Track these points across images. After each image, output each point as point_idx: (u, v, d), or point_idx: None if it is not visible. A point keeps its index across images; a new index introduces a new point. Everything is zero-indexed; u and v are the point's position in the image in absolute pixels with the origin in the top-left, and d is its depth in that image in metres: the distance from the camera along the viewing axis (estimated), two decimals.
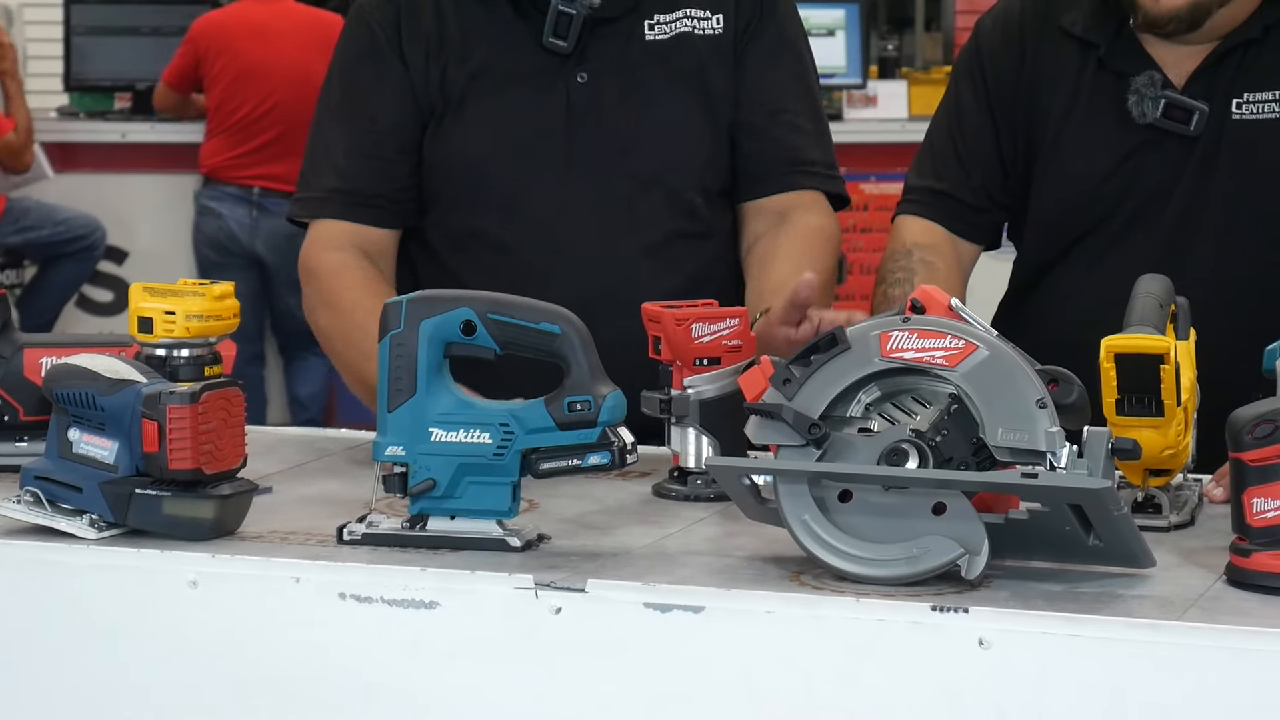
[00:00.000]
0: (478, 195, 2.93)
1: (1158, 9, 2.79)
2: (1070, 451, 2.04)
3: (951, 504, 2.06)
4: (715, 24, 2.91)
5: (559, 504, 2.43)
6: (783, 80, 2.97)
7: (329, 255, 2.91)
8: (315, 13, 7.65)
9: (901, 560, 2.06)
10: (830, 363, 2.13)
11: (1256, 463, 2.04)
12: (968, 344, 2.09)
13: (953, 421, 2.10)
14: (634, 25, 2.91)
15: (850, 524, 2.09)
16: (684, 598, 2.04)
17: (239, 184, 7.45)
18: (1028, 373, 2.08)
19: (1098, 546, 2.07)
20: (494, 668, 2.10)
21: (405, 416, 2.22)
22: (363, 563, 2.16)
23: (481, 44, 2.92)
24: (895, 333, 2.12)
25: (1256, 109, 2.84)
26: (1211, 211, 2.85)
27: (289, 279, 7.52)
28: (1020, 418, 2.06)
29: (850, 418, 2.14)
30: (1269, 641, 1.89)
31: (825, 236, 2.93)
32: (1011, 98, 2.95)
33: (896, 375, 2.14)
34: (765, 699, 2.02)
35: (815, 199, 2.97)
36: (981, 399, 2.08)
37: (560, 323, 2.21)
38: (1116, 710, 1.92)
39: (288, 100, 7.37)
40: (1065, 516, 2.04)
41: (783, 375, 2.14)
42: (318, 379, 7.71)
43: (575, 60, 2.90)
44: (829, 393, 2.13)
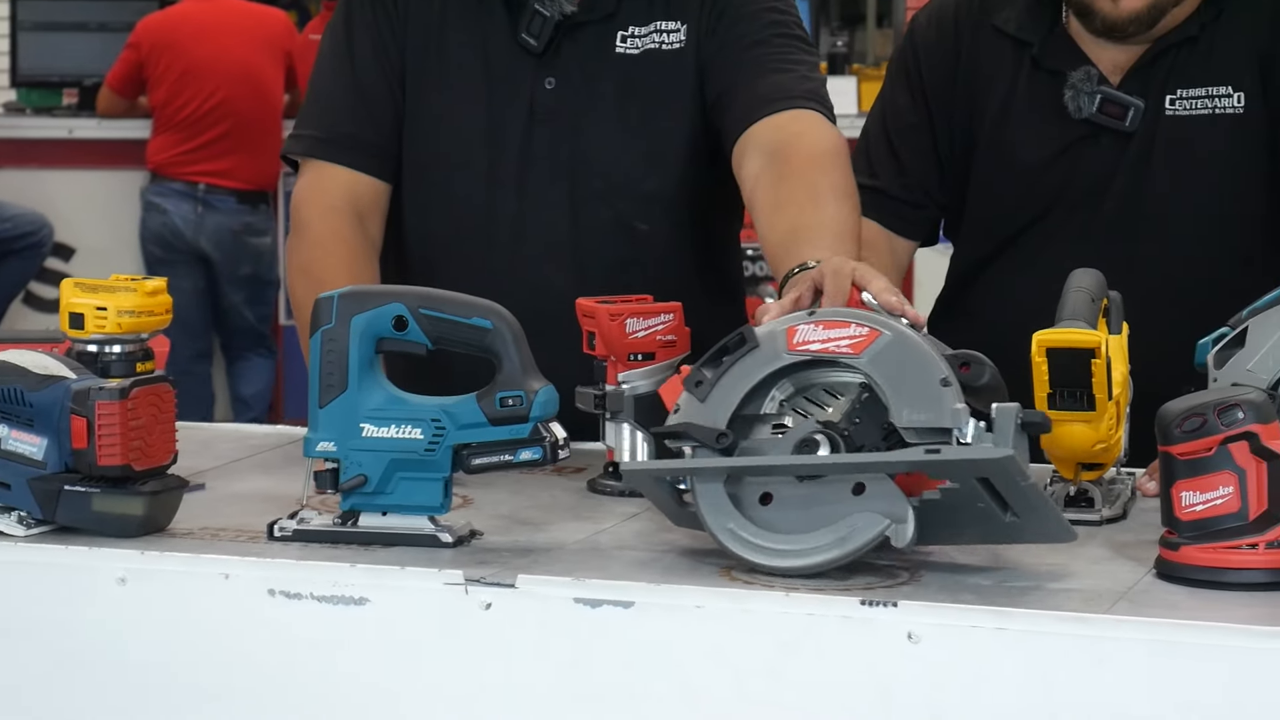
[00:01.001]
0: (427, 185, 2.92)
1: (1117, 13, 2.81)
2: (978, 428, 2.04)
3: (870, 483, 2.07)
4: (680, 36, 2.88)
5: (493, 500, 2.42)
6: (749, 38, 2.86)
7: (325, 217, 2.87)
8: (260, 9, 7.63)
9: (831, 544, 2.06)
10: (740, 362, 2.14)
11: (1185, 456, 2.04)
12: (872, 330, 2.11)
13: (864, 410, 2.11)
14: (607, 34, 2.88)
15: (773, 522, 2.09)
16: (614, 593, 2.04)
17: (185, 180, 7.43)
18: (931, 354, 2.09)
19: (1016, 522, 2.07)
20: (424, 663, 2.09)
21: (336, 412, 2.21)
22: (292, 559, 2.16)
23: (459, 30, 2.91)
24: (801, 326, 2.13)
25: (1190, 105, 2.86)
26: (1146, 206, 2.87)
27: (234, 276, 7.51)
28: (925, 398, 2.07)
29: (765, 415, 2.15)
30: (1195, 634, 1.89)
31: (831, 160, 2.72)
32: (947, 95, 2.96)
33: (807, 369, 2.15)
34: (695, 694, 2.02)
35: (809, 116, 2.79)
36: (887, 382, 2.09)
37: (492, 318, 2.20)
38: (1045, 702, 1.92)
39: (233, 97, 7.36)
40: (976, 493, 2.04)
41: (695, 378, 2.15)
42: (262, 378, 7.69)
43: (547, 62, 2.88)
44: (739, 391, 2.14)
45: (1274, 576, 2.02)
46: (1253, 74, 2.84)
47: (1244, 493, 2.02)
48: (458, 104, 2.89)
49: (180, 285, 7.35)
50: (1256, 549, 2.02)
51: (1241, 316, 2.32)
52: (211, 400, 7.68)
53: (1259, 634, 1.88)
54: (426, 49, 2.91)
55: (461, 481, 2.35)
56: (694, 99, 2.86)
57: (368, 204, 2.90)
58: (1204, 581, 2.03)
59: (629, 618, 2.03)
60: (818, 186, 2.66)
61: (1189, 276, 2.86)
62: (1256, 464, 2.02)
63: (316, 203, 2.89)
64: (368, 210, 2.89)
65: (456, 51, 2.90)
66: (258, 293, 7.59)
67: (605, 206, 2.88)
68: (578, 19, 2.86)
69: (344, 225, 2.86)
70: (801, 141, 2.72)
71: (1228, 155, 2.85)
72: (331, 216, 2.87)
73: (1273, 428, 2.03)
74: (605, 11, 2.87)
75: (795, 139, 2.73)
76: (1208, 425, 2.03)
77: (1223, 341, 2.31)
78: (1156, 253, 2.86)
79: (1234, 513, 2.03)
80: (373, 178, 2.91)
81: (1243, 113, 2.84)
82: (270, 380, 7.69)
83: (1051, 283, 2.35)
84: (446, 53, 2.90)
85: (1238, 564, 2.02)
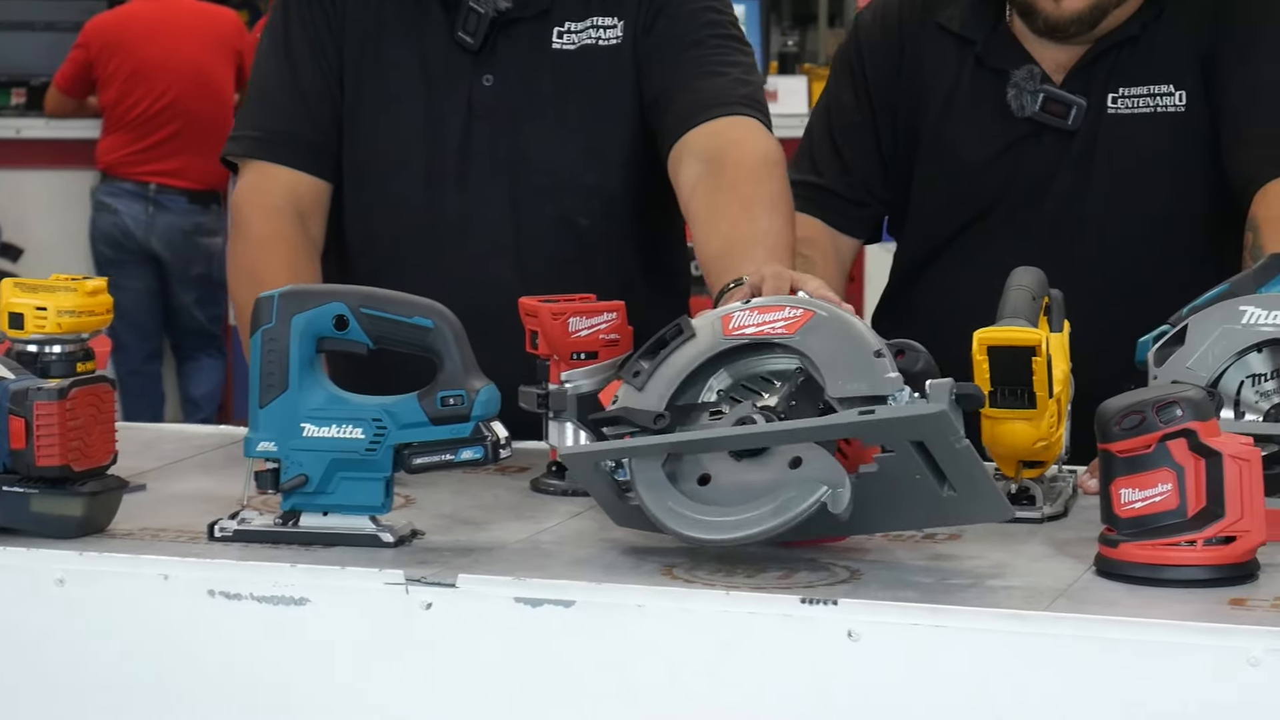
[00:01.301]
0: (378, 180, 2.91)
1: (1060, 13, 2.82)
2: (911, 395, 2.05)
3: (806, 454, 2.07)
4: (617, 33, 2.88)
5: (435, 499, 2.42)
6: (687, 38, 2.87)
7: (266, 217, 2.87)
8: (210, 8, 7.61)
9: (769, 513, 2.05)
10: (677, 351, 2.15)
11: (1124, 453, 2.05)
12: (805, 312, 2.13)
13: (801, 394, 2.12)
14: (543, 30, 2.88)
15: (712, 500, 2.09)
16: (555, 592, 2.04)
17: (136, 180, 7.40)
18: (864, 329, 2.11)
19: (953, 497, 2.07)
20: (365, 663, 2.08)
21: (277, 412, 2.21)
22: (232, 559, 2.15)
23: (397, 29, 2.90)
24: (737, 313, 2.15)
25: (1131, 103, 2.87)
26: (1088, 204, 2.88)
27: (185, 276, 7.48)
28: (858, 369, 2.08)
29: (703, 404, 2.15)
30: (1133, 631, 1.90)
31: (767, 170, 2.72)
32: (891, 92, 2.97)
33: (744, 357, 2.15)
34: (636, 692, 2.02)
35: (745, 123, 2.79)
36: (821, 359, 2.10)
37: (434, 317, 2.20)
38: (984, 700, 1.93)
39: (184, 97, 7.33)
40: (913, 462, 2.05)
41: (632, 368, 2.16)
42: (212, 378, 7.67)
43: (484, 60, 2.87)
44: (677, 380, 2.15)
45: (1212, 573, 2.02)
46: (1194, 73, 2.85)
47: (1182, 490, 2.03)
48: (396, 103, 2.89)
49: (131, 285, 7.37)
50: (1195, 546, 2.03)
51: (1181, 314, 2.32)
52: (162, 401, 7.65)
53: (1196, 630, 1.88)
54: (364, 48, 2.90)
55: (404, 481, 2.35)
56: (632, 95, 2.86)
57: (309, 203, 2.89)
58: (1143, 578, 2.03)
59: (570, 617, 2.03)
60: (753, 198, 2.67)
61: (1130, 275, 2.87)
62: (1195, 461, 2.03)
63: (257, 203, 2.88)
64: (309, 210, 2.89)
65: (394, 50, 2.89)
66: (209, 293, 7.56)
67: (546, 203, 2.88)
68: (513, 15, 2.86)
69: (285, 225, 2.85)
70: (738, 150, 2.73)
71: (1169, 154, 2.86)
72: (273, 216, 2.86)
73: (1211, 425, 2.04)
74: (540, 8, 2.87)
75: (731, 147, 2.74)
76: (1146, 423, 2.04)
77: (1163, 339, 2.31)
78: (1098, 251, 2.87)
79: (1173, 510, 2.03)
80: (313, 177, 2.90)
81: (1184, 111, 2.85)
82: (221, 381, 7.67)
83: (993, 280, 2.35)
84: (384, 52, 2.90)
85: (1176, 561, 2.03)
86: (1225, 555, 2.03)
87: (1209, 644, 1.87)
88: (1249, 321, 2.28)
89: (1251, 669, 1.84)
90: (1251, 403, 2.30)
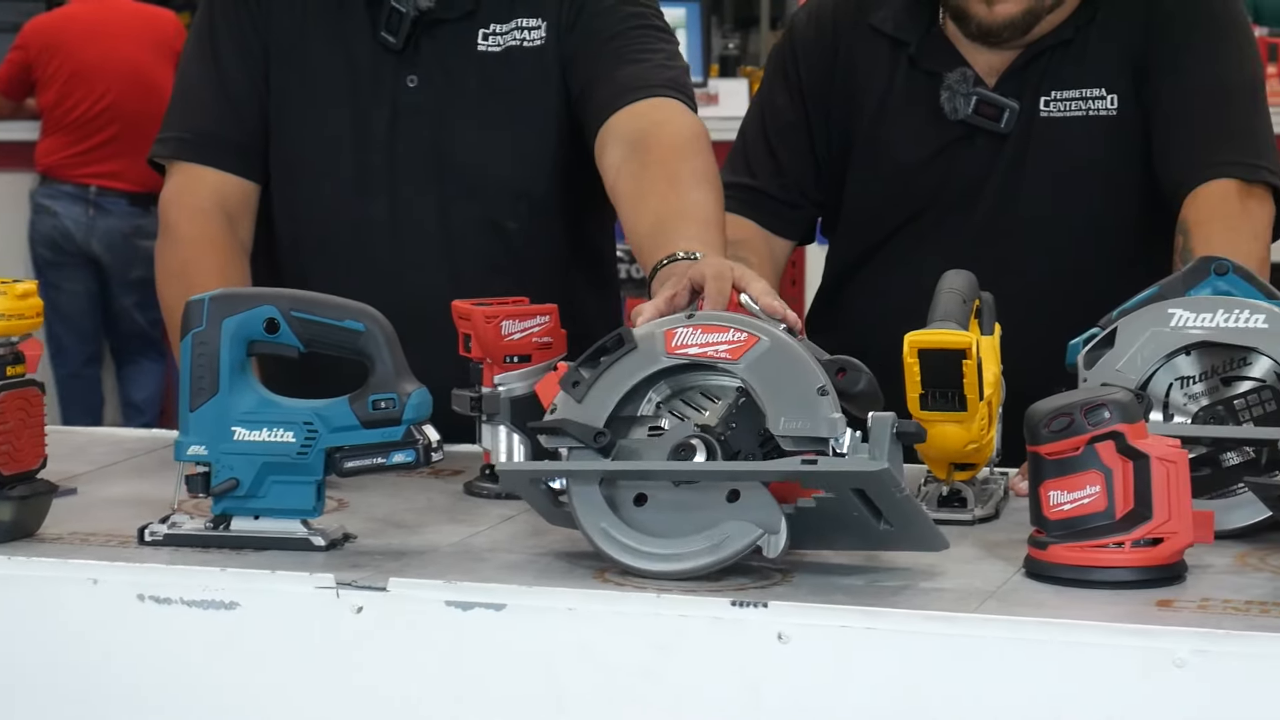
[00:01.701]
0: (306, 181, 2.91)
1: (993, 18, 2.83)
2: (854, 437, 2.05)
3: (745, 491, 2.07)
4: (541, 33, 2.88)
5: (369, 502, 2.41)
6: (608, 32, 2.87)
7: (194, 219, 2.86)
8: (149, 10, 7.58)
9: (704, 550, 2.07)
10: (618, 363, 2.14)
11: (1053, 455, 2.06)
12: (750, 336, 2.11)
13: (740, 415, 2.12)
14: (468, 32, 2.87)
15: (647, 524, 2.09)
16: (486, 595, 2.04)
17: (75, 182, 7.37)
18: (809, 362, 2.09)
19: (889, 530, 2.08)
20: (296, 668, 2.08)
21: (208, 415, 2.20)
22: (162, 564, 2.14)
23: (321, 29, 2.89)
24: (680, 329, 2.13)
25: (1064, 107, 2.88)
26: (1020, 207, 2.89)
27: (125, 279, 7.44)
28: (802, 406, 2.07)
29: (641, 417, 2.15)
30: (1061, 633, 1.90)
31: (692, 147, 2.72)
32: (825, 94, 2.97)
33: (684, 372, 2.14)
34: (568, 695, 2.02)
35: (668, 104, 2.79)
36: (764, 390, 2.09)
37: (364, 320, 2.20)
38: (914, 701, 1.93)
39: (123, 99, 7.30)
40: (852, 502, 2.05)
41: (572, 378, 2.14)
42: (152, 382, 7.63)
43: (408, 60, 2.87)
44: (617, 393, 2.14)
45: (1140, 574, 2.03)
46: (1126, 77, 2.87)
47: (1111, 492, 2.04)
48: (323, 104, 2.88)
49: (71, 288, 7.33)
50: (1123, 547, 2.04)
51: (1111, 317, 2.34)
52: (101, 404, 7.61)
53: (1123, 632, 1.89)
54: (290, 49, 2.90)
55: (337, 485, 2.34)
56: (558, 95, 2.87)
57: (237, 205, 2.88)
58: (1071, 580, 2.04)
59: (501, 620, 2.03)
60: (679, 174, 2.67)
61: (1062, 277, 2.88)
62: (1123, 463, 2.04)
63: (185, 205, 2.87)
64: (237, 211, 2.88)
65: (320, 51, 2.89)
66: (149, 296, 7.46)
67: (474, 205, 2.87)
68: (436, 16, 2.85)
69: (214, 227, 2.85)
70: (662, 130, 2.73)
71: (1101, 157, 2.88)
72: (200, 218, 2.85)
73: (1139, 427, 2.05)
74: (464, 10, 2.86)
75: (656, 127, 2.74)
76: (1075, 425, 2.05)
77: (1092, 342, 2.32)
78: (1029, 254, 2.88)
79: (1101, 511, 2.04)
80: (241, 178, 2.89)
81: (1116, 115, 2.87)
82: (161, 385, 7.63)
83: (925, 282, 2.36)
84: (310, 52, 2.89)
85: (1104, 562, 2.04)
86: (1153, 557, 2.04)
87: (1136, 645, 1.88)
88: (1178, 324, 2.29)
89: (1177, 670, 1.85)
90: (1180, 405, 2.31)
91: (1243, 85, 2.87)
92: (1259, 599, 1.99)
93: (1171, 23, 2.87)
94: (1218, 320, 2.28)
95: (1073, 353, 2.34)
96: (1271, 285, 2.35)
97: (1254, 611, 1.95)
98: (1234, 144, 2.79)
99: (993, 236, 2.88)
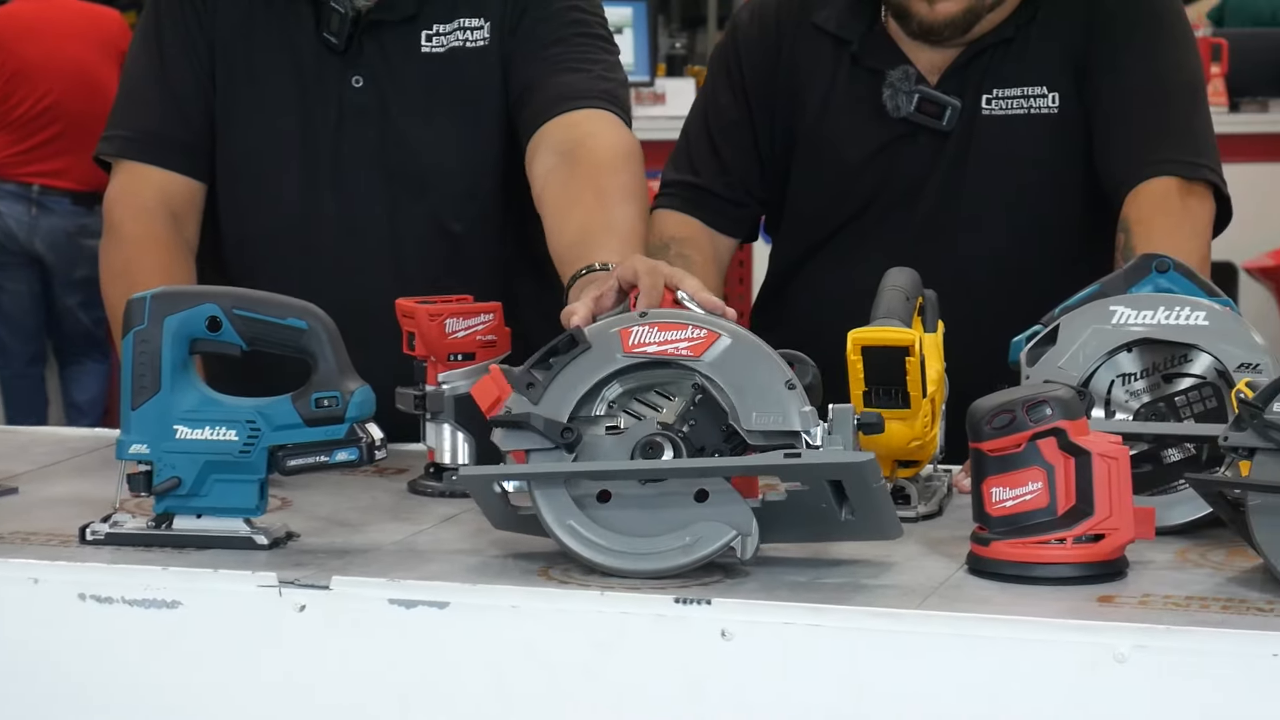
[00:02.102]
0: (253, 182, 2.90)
1: (934, 16, 2.84)
2: (822, 429, 2.05)
3: (713, 490, 2.07)
4: (484, 34, 2.88)
5: (312, 501, 2.41)
6: (550, 36, 2.88)
7: (138, 218, 2.84)
8: (93, 8, 7.53)
9: (676, 550, 2.06)
10: (573, 364, 2.13)
11: (995, 452, 2.07)
12: (710, 333, 2.10)
13: (700, 411, 2.11)
14: (411, 34, 2.87)
15: (613, 522, 2.09)
16: (429, 593, 2.03)
17: (18, 181, 7.32)
18: (772, 357, 2.09)
19: (850, 520, 2.08)
20: (239, 666, 2.07)
21: (150, 414, 2.19)
22: (104, 563, 2.13)
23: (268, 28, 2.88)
24: (635, 328, 2.12)
25: (1006, 105, 2.89)
26: (963, 205, 2.90)
27: (69, 279, 7.40)
28: (771, 401, 2.07)
29: (596, 417, 2.14)
30: (1003, 629, 1.91)
31: (621, 161, 2.74)
32: (768, 92, 2.98)
33: (639, 370, 2.14)
34: (511, 693, 2.02)
35: (601, 116, 2.81)
36: (730, 386, 2.09)
37: (307, 318, 2.19)
38: (857, 697, 1.94)
39: (66, 97, 7.26)
40: (823, 493, 2.06)
41: (525, 380, 2.12)
42: (96, 383, 7.59)
43: (352, 61, 2.86)
44: (575, 393, 2.12)
45: (1081, 570, 2.04)
46: (1067, 75, 2.88)
47: (1052, 488, 2.05)
48: (269, 103, 2.88)
49: (14, 288, 7.28)
50: (1065, 544, 2.04)
51: (1053, 315, 2.35)
52: (45, 405, 7.56)
53: (1065, 628, 1.90)
54: (235, 48, 2.89)
55: (281, 483, 2.34)
56: (501, 96, 2.87)
57: (182, 204, 2.87)
58: (1014, 576, 2.05)
59: (444, 618, 2.03)
60: (607, 188, 2.68)
61: (1004, 275, 2.89)
62: (1065, 460, 2.05)
63: (130, 203, 2.86)
64: (183, 211, 2.87)
65: (266, 50, 2.88)
66: (93, 296, 7.47)
67: (420, 205, 2.87)
68: (377, 17, 2.85)
69: (159, 226, 2.84)
70: (593, 142, 2.74)
71: (1043, 155, 2.89)
72: (145, 217, 2.84)
73: (1080, 424, 2.06)
74: (407, 12, 2.86)
75: (587, 138, 2.75)
76: (1016, 422, 2.06)
77: (1035, 339, 2.33)
78: (972, 251, 2.89)
79: (1043, 508, 2.05)
80: (187, 177, 2.88)
81: (1057, 113, 2.88)
82: (105, 385, 7.59)
83: (868, 280, 2.36)
84: (256, 51, 2.89)
85: (1046, 559, 2.05)
86: (1094, 553, 2.05)
87: (1077, 641, 1.89)
88: (1119, 321, 2.30)
89: (1118, 665, 1.86)
90: (1122, 402, 2.32)
91: (1183, 84, 2.88)
92: (1199, 594, 2.00)
93: (1112, 22, 2.88)
94: (1159, 317, 2.29)
95: (1015, 350, 2.35)
96: (1212, 283, 2.36)
97: (1194, 607, 1.96)
98: (1174, 142, 2.81)
99: (935, 234, 2.89)
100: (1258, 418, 2.00)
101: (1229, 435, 2.02)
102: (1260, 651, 1.85)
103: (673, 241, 2.92)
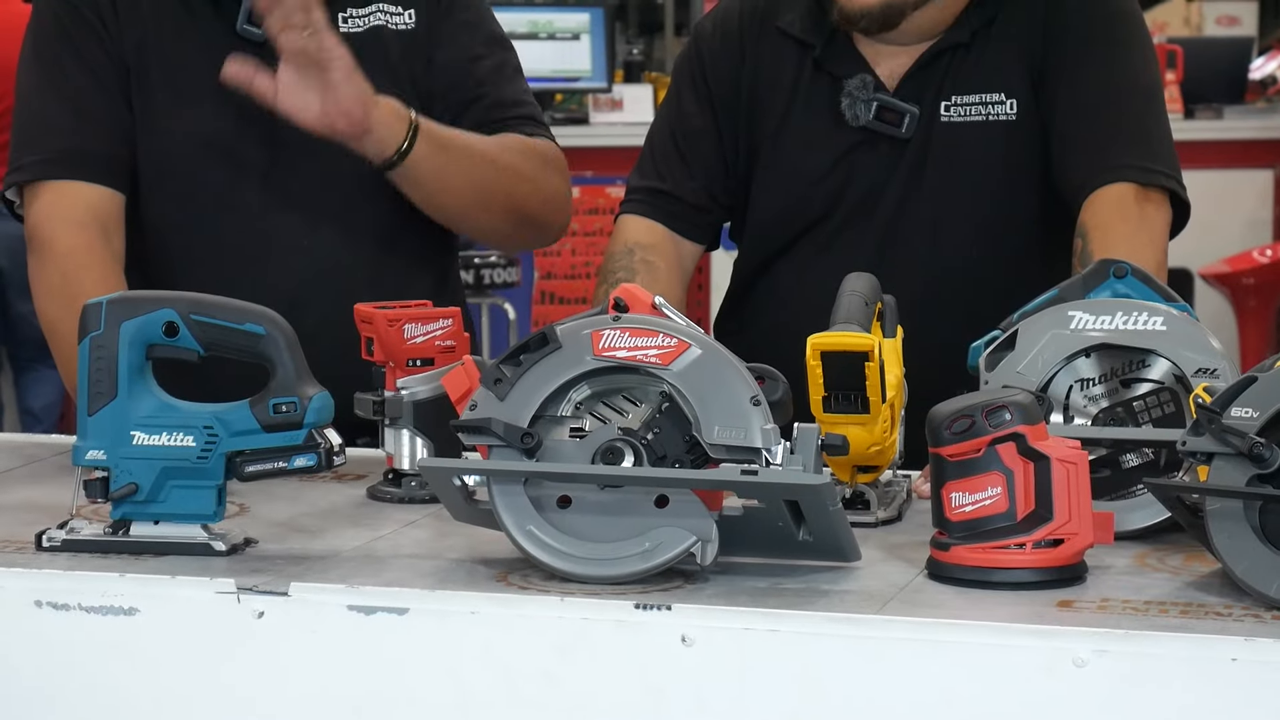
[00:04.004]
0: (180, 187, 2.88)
1: (851, 5, 2.85)
2: (784, 448, 2.05)
3: (674, 496, 2.07)
4: (408, 19, 2.89)
5: (270, 507, 2.40)
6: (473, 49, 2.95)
7: (71, 232, 2.83)
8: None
9: (635, 556, 2.06)
10: (541, 362, 2.12)
11: (955, 457, 2.07)
12: (680, 342, 2.10)
13: (665, 419, 2.11)
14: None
15: (572, 526, 2.08)
16: (388, 599, 2.03)
17: None
18: (740, 371, 2.08)
19: (807, 541, 2.09)
20: (197, 673, 2.06)
21: (106, 420, 2.18)
22: (61, 569, 2.12)
23: (175, 32, 2.87)
24: (607, 331, 2.12)
25: (964, 111, 2.90)
26: (922, 211, 2.91)
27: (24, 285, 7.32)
28: (735, 415, 2.07)
29: (561, 417, 2.13)
30: (963, 633, 1.91)
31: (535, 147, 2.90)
32: (731, 98, 2.99)
33: (608, 374, 2.13)
34: (471, 699, 2.01)
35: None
36: (695, 397, 2.08)
37: (265, 324, 2.18)
38: (818, 703, 1.93)
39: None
40: (780, 512, 2.06)
41: (493, 375, 2.12)
42: (51, 390, 7.54)
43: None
44: (541, 392, 2.12)
45: (1041, 575, 2.04)
46: (1025, 81, 2.89)
47: (1012, 493, 2.05)
48: (190, 105, 2.86)
49: None
50: (1024, 549, 2.05)
51: (1012, 320, 2.35)
52: (1, 412, 7.52)
53: (1024, 632, 1.90)
54: (147, 58, 2.87)
55: (239, 490, 2.33)
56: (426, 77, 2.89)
57: (108, 216, 2.87)
58: (973, 581, 2.05)
59: (403, 624, 2.02)
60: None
61: (963, 281, 2.90)
62: (1024, 465, 2.05)
63: (60, 219, 2.84)
64: (110, 223, 2.86)
65: (180, 52, 2.87)
66: None
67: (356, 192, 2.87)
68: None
69: (91, 237, 2.83)
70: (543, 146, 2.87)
71: (1001, 161, 2.90)
72: (76, 230, 2.83)
73: (1040, 429, 2.06)
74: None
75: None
76: (976, 427, 2.06)
77: (994, 344, 2.34)
78: (931, 257, 2.90)
79: (1002, 513, 2.05)
80: (109, 189, 2.87)
81: (1015, 119, 2.89)
82: (60, 393, 7.54)
83: (830, 286, 2.36)
84: (169, 59, 2.87)
85: (1006, 564, 2.05)
86: (1054, 558, 2.05)
87: (1037, 645, 1.89)
88: (1077, 326, 2.31)
89: (1078, 670, 1.86)
90: (1080, 407, 2.33)
91: (1140, 90, 2.89)
92: (1158, 599, 2.01)
93: (1069, 29, 2.89)
94: (1117, 323, 2.30)
95: (974, 355, 2.36)
96: (1169, 288, 2.37)
97: (1153, 612, 1.96)
98: (1131, 148, 2.82)
99: (895, 240, 2.90)
100: (1215, 422, 2.00)
101: (1187, 440, 2.03)
102: (1219, 655, 1.85)
103: (637, 247, 2.93)
